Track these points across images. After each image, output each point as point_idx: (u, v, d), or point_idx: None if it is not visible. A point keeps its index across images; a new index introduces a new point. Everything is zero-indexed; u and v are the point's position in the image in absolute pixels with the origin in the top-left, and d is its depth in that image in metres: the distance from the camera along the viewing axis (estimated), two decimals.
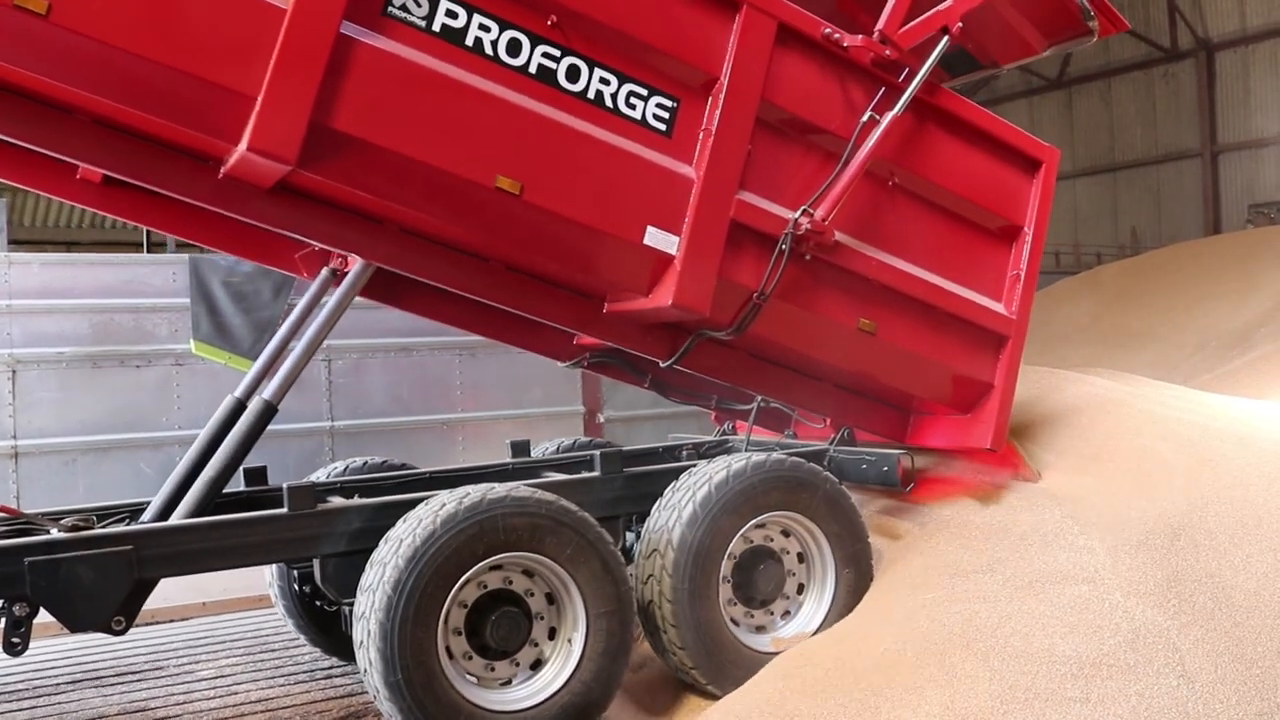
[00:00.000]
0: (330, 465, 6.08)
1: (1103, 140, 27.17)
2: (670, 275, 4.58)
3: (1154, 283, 15.50)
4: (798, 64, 4.83)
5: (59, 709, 5.28)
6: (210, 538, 4.25)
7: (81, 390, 8.93)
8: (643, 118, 4.54)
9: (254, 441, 4.74)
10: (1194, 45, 25.16)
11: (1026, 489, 5.30)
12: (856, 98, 4.99)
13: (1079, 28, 5.59)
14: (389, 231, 4.52)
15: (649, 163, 4.55)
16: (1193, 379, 10.48)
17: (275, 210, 4.32)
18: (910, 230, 5.27)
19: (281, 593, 5.71)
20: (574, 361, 6.19)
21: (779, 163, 4.86)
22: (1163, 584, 4.53)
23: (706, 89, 4.65)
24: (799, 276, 4.90)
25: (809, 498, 4.90)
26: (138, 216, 5.08)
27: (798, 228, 4.76)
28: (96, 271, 9.25)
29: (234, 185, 4.18)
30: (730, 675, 4.64)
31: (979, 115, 5.40)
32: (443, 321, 5.74)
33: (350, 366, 9.94)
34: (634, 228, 4.53)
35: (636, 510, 4.99)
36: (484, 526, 4.14)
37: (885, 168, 5.12)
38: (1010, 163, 5.54)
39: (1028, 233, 5.56)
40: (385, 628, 3.97)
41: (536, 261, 4.64)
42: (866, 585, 5.02)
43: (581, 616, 4.36)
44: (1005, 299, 5.53)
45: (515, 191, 4.27)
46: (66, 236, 23.24)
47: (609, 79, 4.46)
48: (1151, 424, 5.70)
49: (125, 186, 4.87)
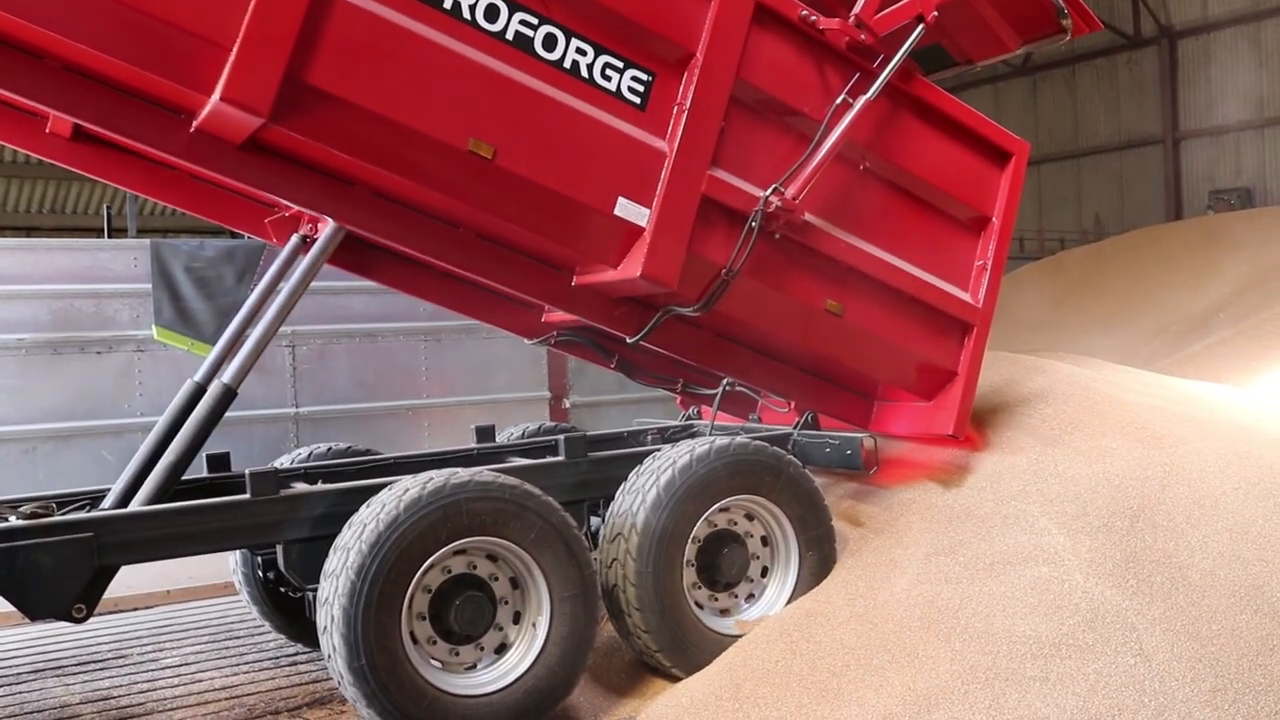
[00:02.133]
0: (294, 451, 6.06)
1: (1067, 127, 27.41)
2: (639, 247, 4.60)
3: (1116, 268, 15.66)
4: (774, 44, 4.87)
5: (20, 699, 5.24)
6: (172, 524, 4.23)
7: (42, 377, 8.82)
8: (618, 90, 4.56)
9: (213, 426, 4.72)
10: (1157, 33, 25.41)
11: (989, 472, 5.35)
12: (831, 81, 5.03)
13: (1052, 26, 5.65)
14: (361, 195, 4.51)
15: (622, 134, 4.57)
16: (1153, 363, 10.61)
17: (247, 167, 4.28)
18: (881, 215, 5.31)
19: (245, 580, 5.69)
20: (541, 339, 6.18)
21: (752, 141, 4.88)
22: (1121, 565, 4.59)
23: (683, 65, 4.67)
24: (768, 255, 4.93)
25: (772, 481, 4.93)
26: (107, 173, 5.02)
27: (768, 205, 4.80)
28: (56, 257, 9.14)
29: (206, 140, 4.15)
30: (694, 658, 4.65)
31: (952, 105, 5.45)
32: (411, 293, 5.73)
33: (315, 352, 9.88)
34: (605, 198, 4.55)
35: (601, 495, 4.99)
36: (447, 511, 4.14)
37: (857, 152, 5.16)
38: (981, 153, 5.60)
39: (996, 223, 5.63)
40: (349, 613, 3.96)
41: (506, 229, 4.63)
42: (830, 567, 5.06)
43: (546, 601, 4.36)
44: (972, 288, 5.59)
45: (488, 156, 4.28)
46: (26, 222, 22.95)
47: (585, 50, 4.48)
48: (1112, 408, 5.77)
49: (95, 142, 4.84)
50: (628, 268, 4.64)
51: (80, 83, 3.97)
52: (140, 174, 5.04)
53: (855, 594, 4.79)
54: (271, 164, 4.32)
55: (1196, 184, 25.10)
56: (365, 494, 4.33)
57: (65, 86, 3.95)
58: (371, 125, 4.10)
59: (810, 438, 5.63)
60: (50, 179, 22.73)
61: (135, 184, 5.13)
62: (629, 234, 4.62)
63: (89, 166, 4.96)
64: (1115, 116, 26.56)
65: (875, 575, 4.91)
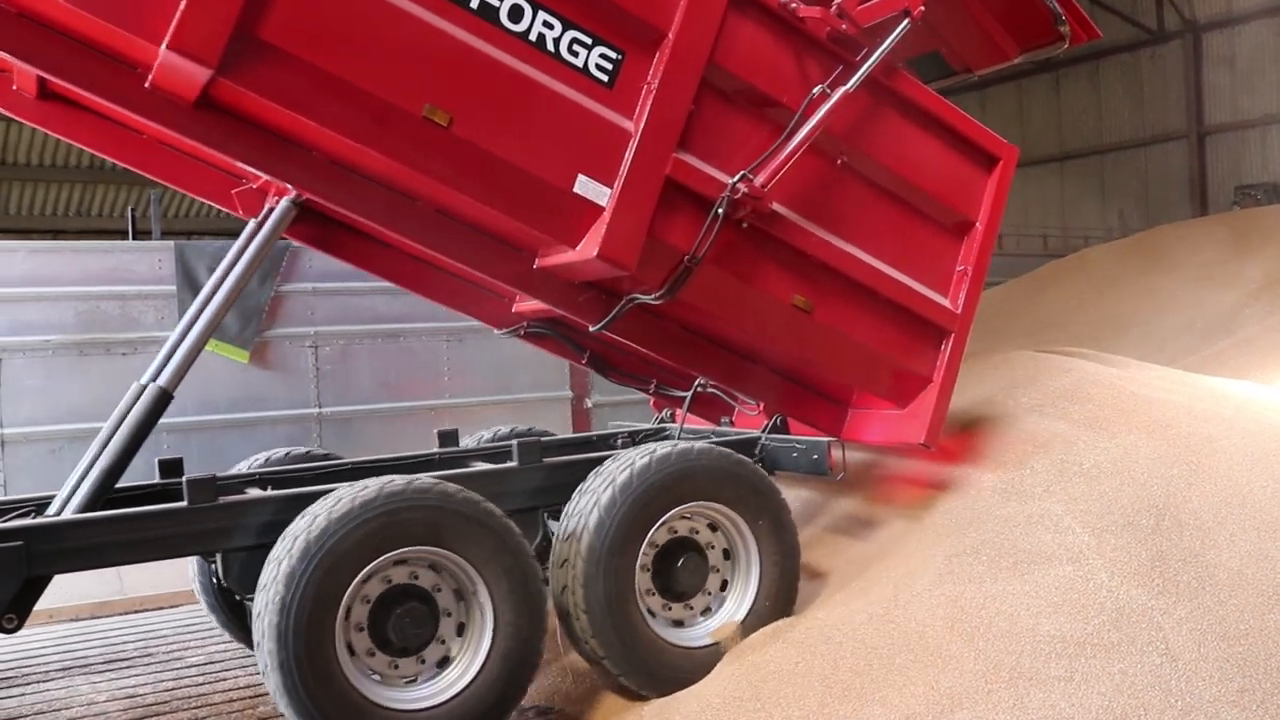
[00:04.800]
0: (252, 457, 5.88)
1: (1090, 123, 27.22)
2: (598, 227, 4.48)
3: (1141, 265, 15.53)
4: (751, 30, 4.77)
5: (49, 696, 5.28)
6: (106, 533, 4.10)
7: (67, 378, 8.91)
8: (585, 66, 4.46)
9: (148, 430, 4.62)
10: (1181, 27, 25.19)
11: (1012, 471, 5.32)
12: (810, 71, 4.92)
13: (1051, 34, 5.59)
14: (317, 161, 4.42)
15: (586, 111, 4.47)
16: (1178, 360, 10.53)
17: (201, 125, 4.19)
18: (857, 212, 5.19)
19: (203, 588, 5.59)
20: (511, 330, 6.12)
21: (723, 127, 4.78)
22: (1147, 564, 4.55)
23: (654, 45, 4.56)
24: (734, 244, 4.83)
25: (733, 487, 4.80)
26: (75, 134, 4.99)
27: (735, 192, 4.68)
28: (82, 259, 9.22)
29: (161, 98, 4.09)
30: (644, 667, 4.54)
31: (938, 105, 5.33)
32: (377, 274, 5.69)
33: (338, 353, 9.92)
34: (564, 174, 4.44)
35: (558, 501, 4.81)
36: (382, 521, 4.01)
37: (835, 145, 5.05)
38: (967, 156, 5.47)
39: (979, 229, 5.49)
40: (280, 629, 3.84)
41: (462, 203, 4.50)
42: (794, 578, 4.93)
43: (489, 613, 4.23)
44: (951, 294, 5.46)
45: (443, 123, 4.20)
46: (52, 225, 23.14)
47: (553, 23, 4.39)
48: (1137, 405, 5.73)
49: (63, 102, 4.82)
50: (585, 248, 4.51)
51: (35, 30, 3.90)
52: (108, 137, 5.01)
53: (877, 593, 4.77)
54: (226, 123, 4.22)
55: (1222, 179, 24.87)
56: (306, 501, 4.20)
57: (21, 33, 3.88)
58: (322, 84, 4.01)
59: (778, 442, 5.48)
60: (76, 183, 22.91)
61: (103, 146, 5.07)
62: (588, 213, 4.50)
63: (57, 126, 4.93)
64: (1139, 112, 26.35)
65: (897, 574, 4.89)
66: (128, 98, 4.07)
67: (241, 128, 4.25)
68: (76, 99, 4.76)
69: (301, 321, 9.78)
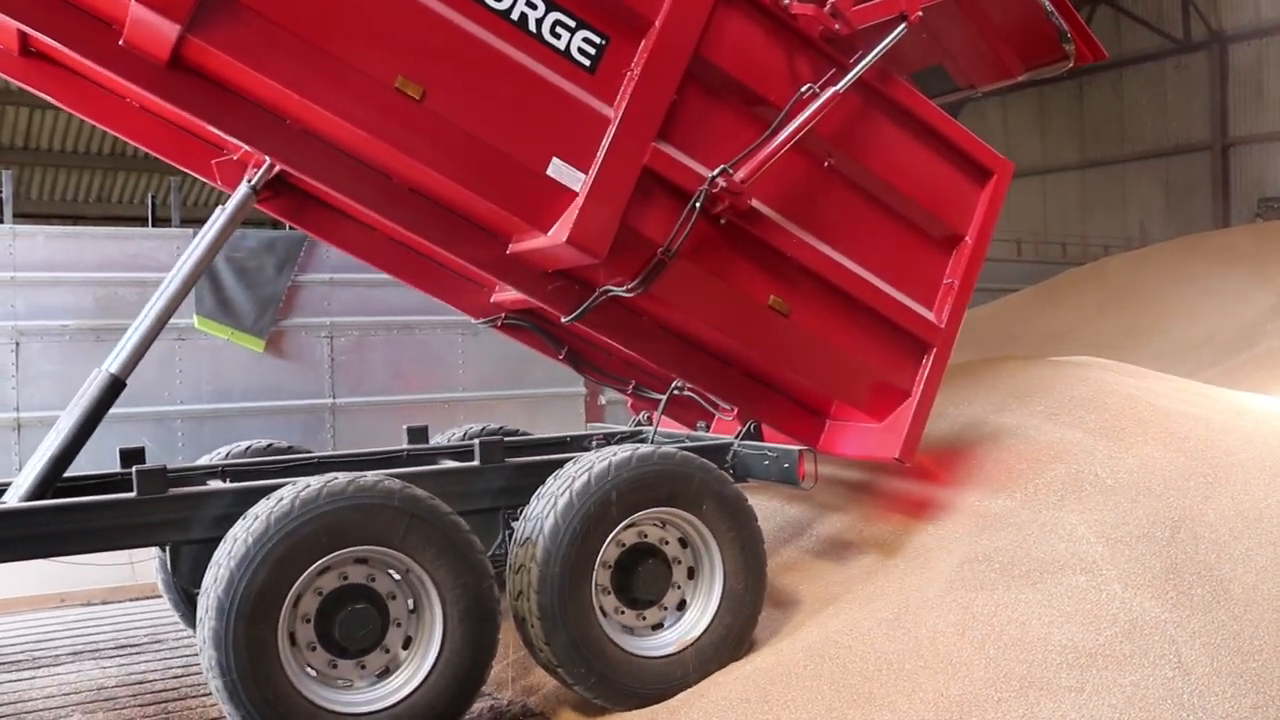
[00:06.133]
0: (217, 449, 5.84)
1: (1113, 131, 27.08)
2: (570, 212, 4.42)
3: (1161, 275, 15.46)
4: (740, 24, 4.71)
5: (59, 680, 5.30)
6: (51, 522, 4.04)
7: (84, 363, 8.89)
8: (566, 49, 4.41)
9: (99, 417, 4.57)
10: (1207, 37, 25.05)
11: (1027, 479, 5.28)
12: (801, 70, 4.85)
13: (1056, 52, 5.54)
14: (290, 130, 4.39)
15: (565, 94, 4.42)
16: (1198, 373, 10.45)
17: (173, 86, 4.18)
18: (842, 217, 5.11)
19: (165, 584, 5.55)
20: (488, 320, 6.09)
21: (706, 121, 4.72)
22: (1161, 576, 4.52)
23: (640, 33, 4.51)
24: (711, 239, 4.76)
25: (695, 493, 4.67)
26: (57, 93, 4.98)
27: (713, 186, 4.61)
28: (101, 245, 9.24)
29: (136, 57, 4.09)
30: (600, 676, 4.44)
31: (933, 114, 5.25)
32: (355, 254, 5.69)
33: (353, 343, 9.93)
34: (538, 156, 4.39)
35: (520, 503, 4.70)
36: (324, 522, 3.93)
37: (822, 148, 4.98)
38: (960, 168, 5.38)
39: (969, 243, 5.41)
40: (219, 635, 3.78)
41: (432, 179, 4.44)
42: (759, 591, 4.82)
43: (439, 616, 4.14)
44: (936, 307, 5.37)
45: (415, 96, 4.17)
46: (72, 210, 23.27)
47: (535, 3, 4.34)
48: (1155, 416, 5.68)
49: (44, 60, 4.83)
50: (556, 233, 4.44)
51: None
52: (90, 99, 5.00)
53: (888, 599, 4.74)
54: (199, 86, 4.21)
55: (1245, 191, 24.70)
56: (255, 495, 4.10)
57: None
58: (292, 47, 3.98)
59: (750, 449, 5.37)
60: (97, 169, 23.03)
61: (85, 108, 5.06)
62: (561, 198, 4.44)
63: (41, 84, 4.92)
64: (1163, 121, 26.20)
65: (908, 581, 4.87)
66: (103, 55, 4.07)
67: (214, 91, 4.24)
68: (58, 58, 4.77)
69: (317, 312, 9.78)
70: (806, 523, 5.92)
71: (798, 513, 6.04)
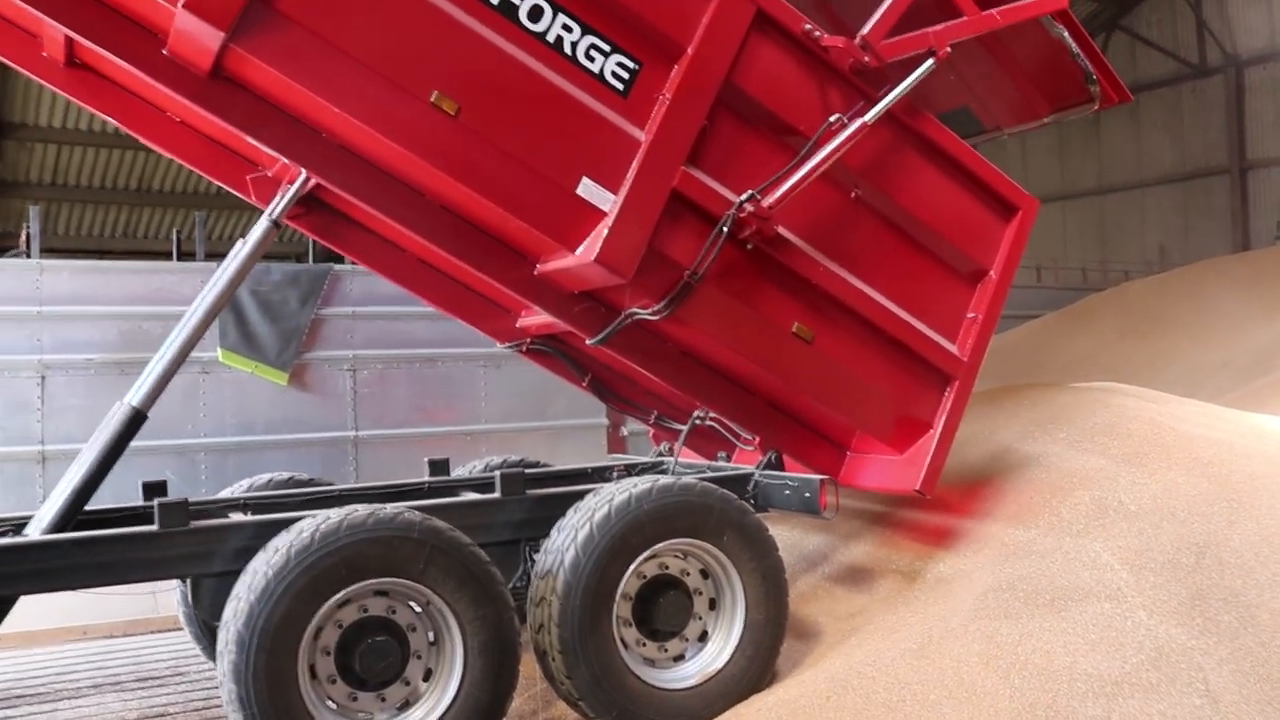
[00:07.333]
0: (239, 482, 5.85)
1: (1130, 156, 27.07)
2: (599, 231, 4.47)
3: (1181, 300, 15.40)
4: (772, 54, 4.77)
5: (81, 713, 5.31)
6: (73, 555, 4.04)
7: (109, 396, 8.90)
8: (600, 73, 4.48)
9: (121, 450, 4.60)
10: (1223, 61, 25.04)
11: (1050, 506, 5.26)
12: (830, 101, 4.90)
13: (1082, 94, 5.57)
14: (324, 143, 4.46)
15: (598, 116, 4.49)
16: (1219, 397, 10.40)
17: (213, 95, 4.26)
18: (867, 248, 5.15)
19: (187, 617, 5.56)
20: (513, 344, 6.11)
21: (736, 147, 4.77)
22: (1187, 602, 4.49)
23: (673, 58, 4.58)
24: (737, 264, 4.80)
25: (716, 524, 4.66)
26: (100, 104, 5.07)
27: (741, 210, 4.66)
28: (126, 279, 9.35)
29: (178, 67, 4.18)
30: (622, 710, 4.41)
31: (960, 150, 5.29)
32: (383, 274, 5.72)
33: (375, 376, 10.00)
34: (569, 175, 4.45)
35: (541, 534, 4.68)
36: (344, 554, 3.93)
37: (849, 178, 5.03)
38: (986, 204, 5.41)
39: (993, 277, 5.42)
40: (239, 668, 3.78)
41: (464, 196, 4.48)
42: (781, 622, 4.79)
43: (459, 648, 4.14)
44: (959, 340, 5.37)
45: (451, 112, 4.24)
46: (98, 245, 23.46)
47: (572, 27, 4.42)
48: (1177, 441, 5.66)
49: (88, 71, 4.92)
50: (585, 252, 4.47)
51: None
52: (131, 110, 5.09)
53: (911, 629, 4.72)
54: (238, 96, 4.29)
55: (1264, 214, 24.60)
56: (275, 528, 4.12)
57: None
58: (331, 58, 4.07)
59: (770, 479, 5.37)
60: (123, 204, 23.24)
61: (125, 119, 5.15)
62: (590, 217, 4.49)
63: (82, 94, 5.01)
64: (1180, 146, 26.17)
65: (931, 610, 4.84)
66: (147, 62, 4.16)
67: (252, 102, 4.33)
68: (102, 70, 4.86)
69: (340, 345, 9.87)
70: (827, 552, 5.90)
71: (818, 542, 6.02)
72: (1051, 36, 5.45)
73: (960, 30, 5.01)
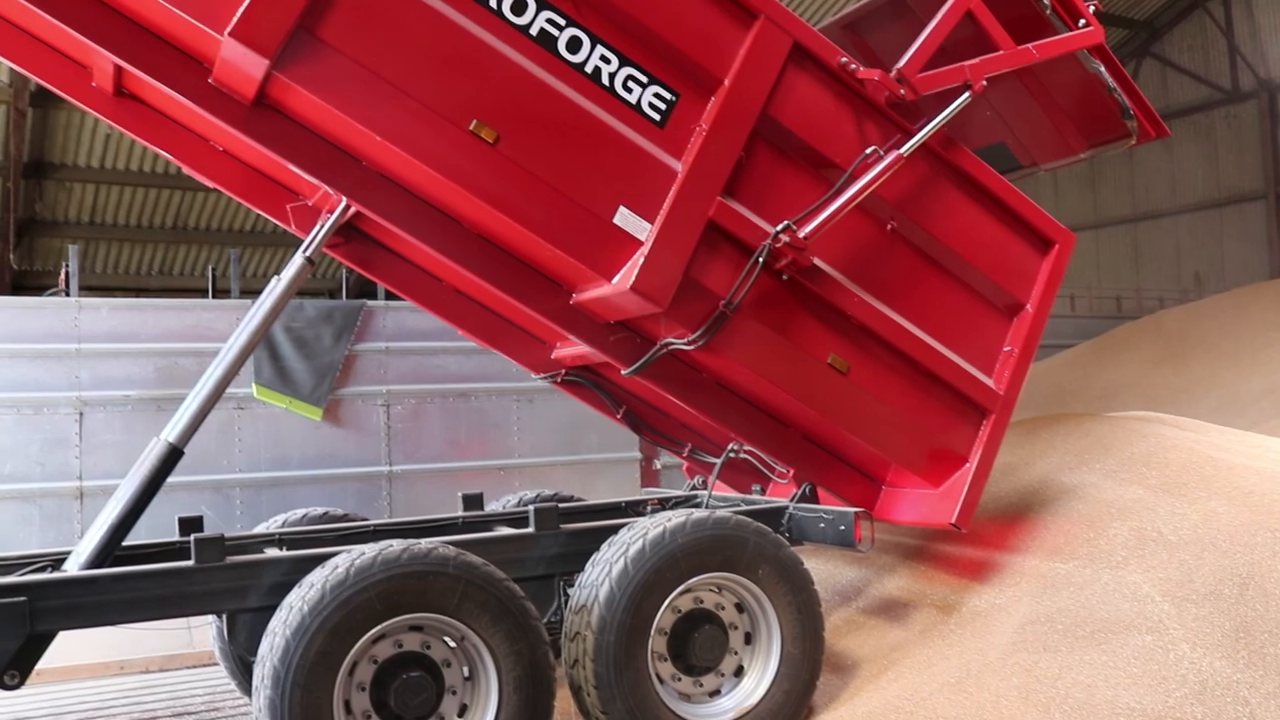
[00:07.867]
0: (274, 517, 5.89)
1: (1164, 183, 26.89)
2: (635, 260, 4.50)
3: (1218, 327, 15.24)
4: (808, 87, 4.83)
5: None
6: (111, 590, 4.07)
7: (146, 432, 9.05)
8: (638, 104, 4.55)
9: (158, 486, 4.64)
10: (1256, 86, 24.88)
11: (1088, 538, 5.20)
12: (866, 133, 4.95)
13: (1119, 129, 5.55)
14: (364, 171, 4.52)
15: (635, 146, 4.55)
16: (1258, 425, 10.27)
17: (256, 123, 4.34)
18: (903, 280, 5.16)
19: (223, 652, 5.59)
20: (548, 375, 6.13)
21: (772, 179, 4.81)
22: (1231, 635, 4.41)
23: (710, 90, 4.65)
24: (773, 295, 4.82)
25: (751, 558, 4.63)
26: (146, 134, 5.16)
27: (776, 241, 4.68)
28: (162, 316, 9.46)
29: (223, 95, 4.28)
30: None
31: (997, 184, 5.31)
32: (419, 303, 5.76)
33: (409, 411, 10.05)
34: (606, 204, 4.50)
35: (575, 569, 4.69)
36: (378, 590, 3.94)
37: (885, 210, 5.06)
38: (1022, 238, 5.42)
39: (1030, 311, 5.43)
40: (275, 703, 3.78)
41: (501, 224, 4.52)
42: (816, 656, 4.73)
43: (494, 682, 4.13)
44: (995, 374, 5.37)
45: (490, 140, 4.31)
46: (135, 283, 23.76)
47: (610, 59, 4.50)
48: (1217, 471, 5.58)
49: (136, 102, 5.03)
50: (621, 281, 4.52)
51: (113, 16, 4.12)
52: (176, 140, 5.18)
53: (948, 663, 4.67)
54: (281, 124, 4.38)
55: None
56: (311, 563, 4.14)
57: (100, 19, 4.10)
58: (372, 87, 4.15)
59: (805, 512, 5.32)
60: (160, 242, 23.56)
61: (171, 148, 5.24)
62: (627, 246, 4.54)
63: (129, 123, 5.11)
64: (1214, 171, 25.97)
65: (969, 644, 4.79)
66: (193, 90, 4.26)
67: (295, 130, 4.41)
68: (149, 100, 4.97)
69: (374, 380, 9.93)
70: (862, 586, 5.86)
71: (853, 576, 5.98)
72: (1088, 71, 5.45)
73: (996, 64, 5.03)
